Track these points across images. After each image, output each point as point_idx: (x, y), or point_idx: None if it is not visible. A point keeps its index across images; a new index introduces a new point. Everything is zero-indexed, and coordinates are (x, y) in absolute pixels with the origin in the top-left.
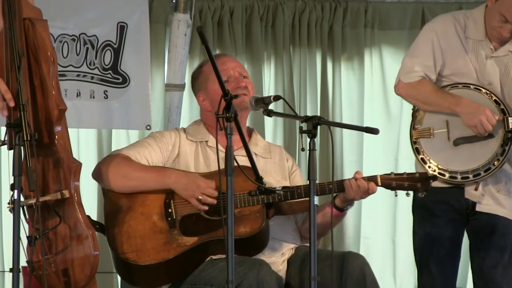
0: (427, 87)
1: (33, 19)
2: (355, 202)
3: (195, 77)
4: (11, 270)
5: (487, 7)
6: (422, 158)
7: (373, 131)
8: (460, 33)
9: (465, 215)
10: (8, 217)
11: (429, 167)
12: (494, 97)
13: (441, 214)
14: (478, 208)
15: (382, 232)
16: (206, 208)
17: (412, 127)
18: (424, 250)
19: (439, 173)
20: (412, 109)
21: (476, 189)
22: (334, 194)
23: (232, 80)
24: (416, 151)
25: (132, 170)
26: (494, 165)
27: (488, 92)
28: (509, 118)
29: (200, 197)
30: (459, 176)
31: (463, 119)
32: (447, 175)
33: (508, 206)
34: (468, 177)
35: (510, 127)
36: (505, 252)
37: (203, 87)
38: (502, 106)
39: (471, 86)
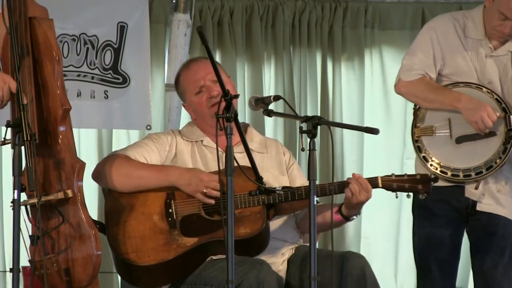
0: (428, 85)
1: (38, 18)
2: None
3: (176, 87)
4: (11, 270)
5: (485, 7)
6: (424, 157)
7: (373, 131)
8: (460, 33)
9: (465, 215)
10: (9, 217)
11: (431, 165)
12: (495, 96)
13: (442, 214)
14: (479, 207)
15: (382, 232)
16: (213, 201)
17: (414, 125)
18: (424, 251)
19: (441, 171)
20: (414, 108)
21: (476, 188)
22: (339, 202)
23: (204, 90)
24: (418, 149)
25: (134, 169)
26: (496, 163)
27: (489, 91)
28: (511, 116)
29: (204, 190)
30: (461, 174)
31: (464, 115)
32: (449, 173)
33: (508, 206)
34: (470, 175)
35: None
36: (505, 252)
37: (183, 98)
38: (503, 105)
39: (473, 85)
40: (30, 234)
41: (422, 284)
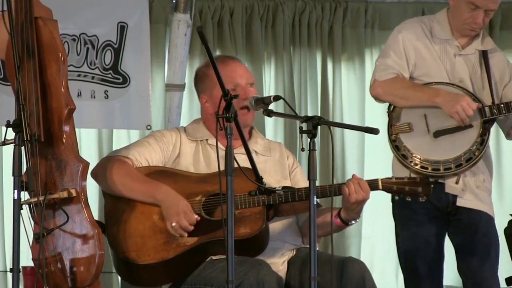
0: (403, 83)
1: (44, 18)
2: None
3: (200, 77)
4: (11, 270)
5: (449, 7)
6: (403, 155)
7: (373, 131)
8: (427, 34)
9: (445, 213)
10: (10, 217)
11: (410, 161)
12: (467, 92)
13: (424, 213)
14: (459, 203)
15: (383, 232)
16: (176, 234)
17: (390, 125)
18: (410, 251)
19: (421, 166)
20: (388, 110)
21: (457, 182)
22: (339, 206)
23: (239, 89)
24: (396, 148)
25: (128, 180)
26: (475, 155)
27: (461, 88)
28: (486, 107)
29: (173, 223)
30: (441, 168)
31: (444, 108)
32: (429, 168)
33: (487, 202)
34: (450, 168)
35: (488, 115)
36: (491, 250)
37: (208, 90)
38: (476, 101)
39: (444, 84)
40: (34, 232)
41: (410, 285)
